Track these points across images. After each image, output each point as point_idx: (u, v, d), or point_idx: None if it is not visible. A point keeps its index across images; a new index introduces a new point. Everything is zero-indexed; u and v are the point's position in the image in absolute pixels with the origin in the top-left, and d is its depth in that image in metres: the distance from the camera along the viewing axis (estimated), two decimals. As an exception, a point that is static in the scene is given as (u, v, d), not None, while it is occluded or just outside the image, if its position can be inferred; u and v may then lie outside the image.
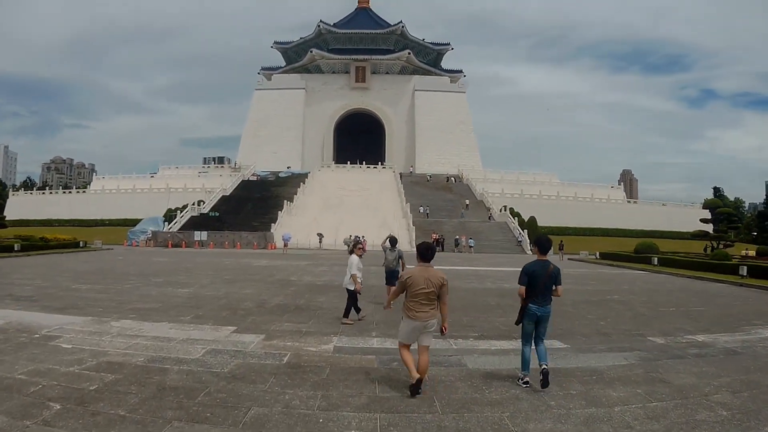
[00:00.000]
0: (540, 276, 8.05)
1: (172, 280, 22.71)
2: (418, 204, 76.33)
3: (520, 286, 8.13)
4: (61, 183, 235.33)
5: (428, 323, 7.43)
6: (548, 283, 8.12)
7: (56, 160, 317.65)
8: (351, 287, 13.01)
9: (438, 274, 7.55)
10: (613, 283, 27.43)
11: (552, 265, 8.22)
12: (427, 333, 7.52)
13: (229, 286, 20.40)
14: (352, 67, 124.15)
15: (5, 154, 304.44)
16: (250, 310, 14.63)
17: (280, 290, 19.48)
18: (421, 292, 7.40)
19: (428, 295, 7.42)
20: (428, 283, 7.42)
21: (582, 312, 16.04)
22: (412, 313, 7.43)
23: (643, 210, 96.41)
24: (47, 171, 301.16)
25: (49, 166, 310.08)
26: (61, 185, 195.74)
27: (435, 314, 7.51)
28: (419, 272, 7.53)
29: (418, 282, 7.42)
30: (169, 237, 64.98)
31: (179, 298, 16.92)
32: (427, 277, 7.47)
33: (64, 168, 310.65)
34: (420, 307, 7.41)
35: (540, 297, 8.07)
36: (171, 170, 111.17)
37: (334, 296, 17.71)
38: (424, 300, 7.42)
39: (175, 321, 12.78)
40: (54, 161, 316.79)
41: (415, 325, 7.43)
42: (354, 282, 12.93)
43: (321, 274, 27.63)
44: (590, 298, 19.74)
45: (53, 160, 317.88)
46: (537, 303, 8.05)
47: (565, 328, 12.96)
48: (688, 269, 36.48)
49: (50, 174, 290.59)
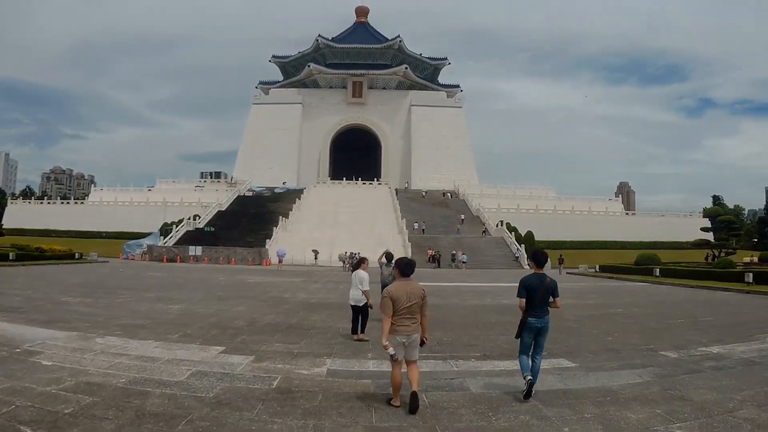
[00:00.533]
0: (537, 289, 8.19)
1: (163, 296, 22.11)
2: (414, 220, 75.68)
3: (520, 299, 8.29)
4: (60, 193, 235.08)
5: (412, 337, 7.50)
6: (545, 295, 8.24)
7: (56, 170, 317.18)
8: (360, 303, 12.78)
9: (418, 288, 7.67)
10: (615, 296, 26.92)
11: (549, 278, 8.35)
12: (413, 347, 7.54)
13: (220, 303, 19.78)
14: (349, 82, 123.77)
15: (6, 162, 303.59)
16: (240, 328, 14.00)
17: (272, 308, 18.85)
18: (404, 307, 7.46)
19: (410, 309, 7.49)
20: (410, 297, 7.51)
21: (586, 327, 15.52)
22: (394, 327, 7.46)
23: (642, 222, 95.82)
24: (47, 181, 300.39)
25: (48, 176, 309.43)
26: (60, 195, 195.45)
27: (417, 328, 7.60)
28: (401, 287, 7.61)
29: (401, 297, 7.48)
30: (164, 251, 64.45)
31: (169, 315, 16.33)
32: (409, 291, 7.56)
33: (64, 178, 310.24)
34: (402, 321, 7.47)
35: (538, 310, 8.18)
36: (168, 184, 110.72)
37: (328, 315, 17.18)
38: (407, 314, 7.48)
39: (162, 339, 12.20)
40: (54, 171, 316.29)
41: (398, 339, 7.44)
42: (366, 297, 12.66)
43: (315, 291, 26.99)
44: (593, 313, 19.24)
45: (53, 170, 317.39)
46: (535, 316, 8.15)
47: (571, 345, 12.45)
48: (691, 279, 36.20)
49: (50, 184, 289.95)
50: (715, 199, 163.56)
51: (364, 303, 12.75)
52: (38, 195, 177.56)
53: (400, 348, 7.46)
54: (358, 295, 12.76)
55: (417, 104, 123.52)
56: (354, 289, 12.93)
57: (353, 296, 12.91)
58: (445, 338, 13.06)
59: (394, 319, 7.46)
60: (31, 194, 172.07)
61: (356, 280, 12.88)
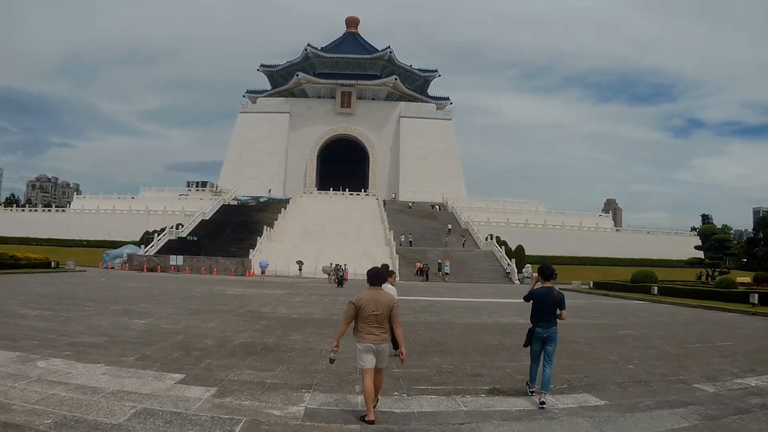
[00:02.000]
0: (545, 301, 8.58)
1: (131, 309, 20.28)
2: (401, 232, 73.95)
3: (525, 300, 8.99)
4: (45, 201, 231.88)
5: (380, 346, 7.48)
6: (552, 307, 8.60)
7: (41, 178, 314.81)
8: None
9: (387, 297, 7.68)
10: (618, 315, 25.36)
11: (556, 291, 8.72)
12: (382, 356, 7.55)
13: (191, 318, 17.98)
14: (337, 92, 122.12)
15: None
16: (208, 350, 12.21)
17: (248, 324, 17.05)
18: (371, 315, 7.44)
19: (378, 317, 7.46)
20: (377, 305, 7.48)
21: (601, 352, 13.93)
22: (362, 335, 7.50)
23: (632, 239, 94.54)
24: (32, 189, 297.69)
25: (34, 184, 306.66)
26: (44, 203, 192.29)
27: (386, 338, 7.58)
28: (369, 295, 7.61)
29: (368, 305, 7.48)
30: (144, 261, 62.43)
31: (131, 332, 14.53)
32: (377, 299, 7.55)
33: (49, 186, 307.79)
34: (370, 330, 7.45)
35: (545, 320, 8.60)
36: (152, 192, 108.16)
37: (311, 333, 15.44)
38: (375, 323, 7.46)
39: (114, 363, 10.43)
40: (39, 179, 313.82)
41: (366, 346, 7.45)
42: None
43: (297, 305, 25.09)
44: (602, 334, 17.70)
45: (38, 178, 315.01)
46: (543, 326, 8.58)
47: (592, 375, 10.79)
48: (692, 298, 34.92)
49: (35, 192, 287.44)
50: (704, 219, 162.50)
51: None
52: (23, 203, 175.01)
53: (369, 355, 7.45)
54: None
55: (406, 116, 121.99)
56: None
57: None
58: (445, 365, 11.34)
59: (360, 327, 7.50)
60: (15, 202, 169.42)
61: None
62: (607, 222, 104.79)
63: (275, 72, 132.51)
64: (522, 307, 26.26)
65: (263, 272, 51.64)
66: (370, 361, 7.45)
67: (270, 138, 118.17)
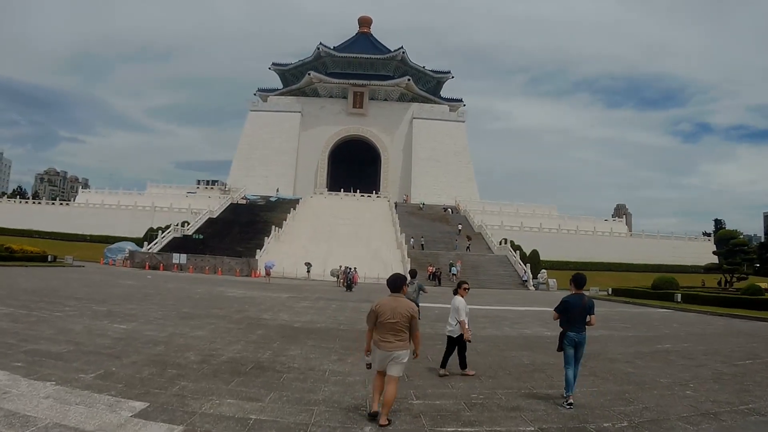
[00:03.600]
0: (576, 307, 9.03)
1: (116, 310, 18.35)
2: (412, 235, 71.88)
3: (555, 312, 9.33)
4: (53, 195, 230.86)
5: (394, 354, 7.38)
6: (583, 313, 9.05)
7: (50, 171, 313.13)
8: (455, 334, 10.98)
9: (406, 306, 7.56)
10: (647, 325, 23.27)
11: (586, 298, 9.17)
12: (395, 364, 7.40)
13: (180, 324, 16.01)
14: (350, 92, 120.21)
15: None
16: (186, 367, 10.19)
17: (242, 334, 15.01)
18: (387, 322, 7.42)
19: (394, 325, 7.42)
20: (394, 313, 7.43)
21: (649, 373, 11.91)
22: (377, 341, 7.47)
23: (647, 243, 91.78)
24: (40, 182, 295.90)
25: (42, 177, 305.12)
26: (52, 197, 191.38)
27: (402, 345, 7.45)
28: (387, 302, 7.57)
29: (385, 312, 7.46)
30: (146, 258, 60.70)
31: (104, 339, 12.59)
32: (395, 307, 7.49)
33: (58, 180, 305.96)
34: (385, 337, 7.42)
35: (577, 326, 9.05)
36: (159, 188, 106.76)
37: (313, 347, 13.42)
38: (390, 330, 7.42)
39: (69, 381, 8.50)
40: (48, 173, 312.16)
41: (381, 354, 7.43)
42: (462, 329, 10.82)
43: (301, 311, 22.92)
44: (640, 349, 15.65)
45: (47, 172, 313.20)
46: (574, 330, 9.05)
47: (651, 407, 8.85)
48: (717, 306, 33.12)
49: (43, 185, 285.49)
50: (717, 223, 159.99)
51: (459, 334, 10.89)
52: (30, 196, 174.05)
53: (383, 362, 7.43)
54: (453, 324, 11.00)
55: (419, 117, 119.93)
56: (450, 318, 11.17)
57: (449, 327, 11.18)
58: (474, 393, 9.28)
59: (377, 334, 7.50)
60: (22, 194, 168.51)
61: (452, 308, 11.08)
62: (621, 227, 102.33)
63: (287, 71, 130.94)
64: (545, 316, 24.39)
65: (269, 273, 49.77)
66: (381, 366, 7.48)
67: (280, 137, 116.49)
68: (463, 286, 11.51)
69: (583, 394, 9.51)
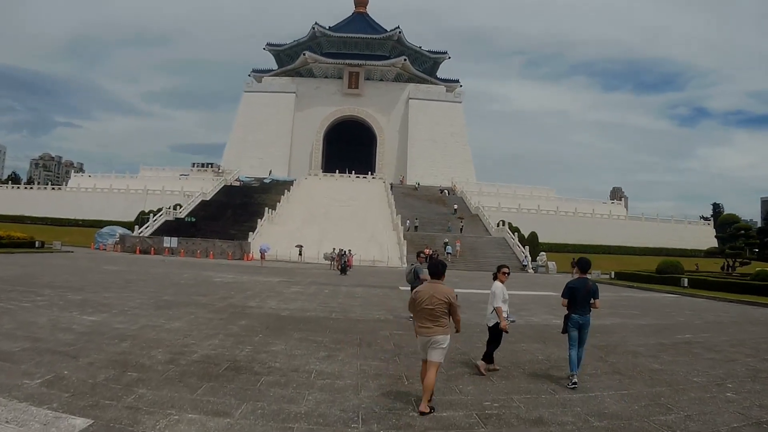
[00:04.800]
0: (580, 291, 9.32)
1: (90, 299, 17.02)
2: (408, 216, 70.45)
3: (563, 299, 9.54)
4: (48, 180, 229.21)
5: (432, 339, 7.37)
6: (587, 296, 9.33)
7: (45, 156, 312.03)
8: (490, 323, 10.20)
9: (444, 292, 7.48)
10: (659, 312, 22.02)
11: (590, 282, 9.48)
12: (435, 349, 7.37)
13: (156, 315, 14.65)
14: (345, 72, 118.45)
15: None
16: (149, 369, 8.81)
17: (222, 325, 13.60)
18: (425, 308, 7.42)
19: (432, 311, 7.39)
20: (432, 300, 7.39)
21: (679, 370, 10.67)
22: (417, 327, 7.59)
23: (646, 227, 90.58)
24: (35, 167, 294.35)
25: (37, 163, 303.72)
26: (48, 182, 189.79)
27: (441, 331, 7.39)
28: (426, 289, 7.59)
29: (422, 298, 7.45)
30: (137, 242, 59.40)
31: (67, 335, 11.26)
32: (432, 294, 7.44)
33: (53, 165, 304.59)
34: (424, 323, 7.45)
35: (580, 308, 9.34)
36: (152, 171, 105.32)
37: (299, 340, 12.06)
38: (428, 316, 7.41)
39: (7, 390, 7.21)
40: (42, 158, 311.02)
41: (421, 339, 7.51)
42: (499, 317, 9.91)
43: (291, 297, 21.49)
44: (661, 341, 14.43)
45: (42, 157, 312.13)
46: (578, 313, 9.35)
47: (693, 415, 7.60)
48: (726, 292, 31.91)
49: (38, 171, 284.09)
50: (716, 207, 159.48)
51: (495, 323, 10.02)
52: (25, 181, 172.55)
53: (425, 348, 7.48)
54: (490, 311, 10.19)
55: (415, 97, 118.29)
56: (489, 306, 10.26)
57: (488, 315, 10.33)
58: (487, 401, 7.91)
59: (417, 320, 7.61)
60: (16, 180, 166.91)
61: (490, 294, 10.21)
62: (620, 209, 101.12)
63: (282, 51, 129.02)
64: (551, 302, 22.96)
65: (263, 257, 48.46)
66: (424, 354, 7.53)
67: (275, 118, 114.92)
68: (503, 270, 10.50)
69: (614, 399, 8.23)
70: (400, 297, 23.35)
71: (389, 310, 18.60)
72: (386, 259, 55.86)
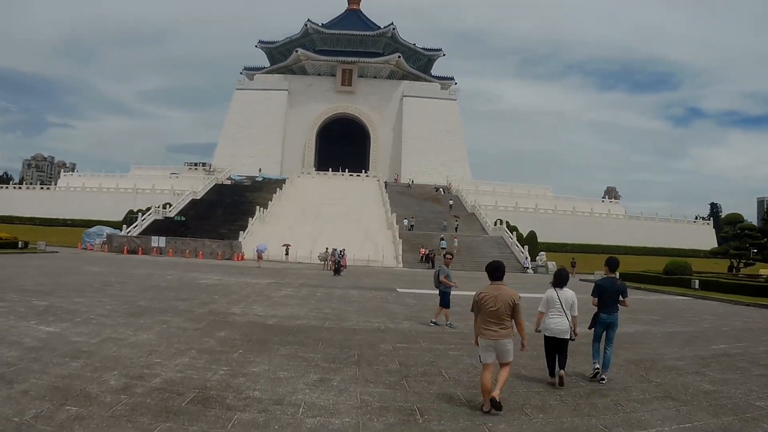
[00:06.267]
0: (608, 290, 9.60)
1: (57, 305, 15.25)
2: (403, 215, 68.78)
3: (593, 298, 9.76)
4: (41, 180, 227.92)
5: (499, 342, 7.29)
6: (615, 295, 9.60)
7: (37, 157, 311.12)
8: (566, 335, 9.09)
9: (508, 293, 7.42)
10: (679, 317, 20.35)
11: (618, 281, 9.83)
12: (503, 352, 7.34)
13: (123, 325, 12.81)
14: (338, 70, 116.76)
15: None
16: (95, 401, 7.00)
17: (197, 338, 11.77)
18: (489, 310, 7.31)
19: (496, 313, 7.28)
20: (496, 301, 7.31)
21: (734, 392, 8.96)
22: (481, 331, 7.43)
23: (645, 226, 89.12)
24: (27, 168, 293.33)
25: (29, 163, 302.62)
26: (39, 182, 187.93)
27: (506, 334, 7.34)
28: (489, 291, 7.49)
29: (487, 301, 7.36)
30: (125, 242, 57.56)
31: (13, 350, 9.51)
32: (497, 295, 7.37)
33: (45, 166, 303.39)
34: (488, 326, 7.34)
35: (608, 307, 9.57)
36: (142, 170, 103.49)
37: (286, 358, 10.14)
38: (493, 318, 7.31)
39: None
40: (35, 158, 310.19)
41: (485, 342, 7.37)
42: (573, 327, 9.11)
43: (280, 302, 19.55)
44: (698, 352, 12.82)
45: (34, 157, 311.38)
46: (606, 312, 9.56)
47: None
48: (739, 294, 30.21)
49: (30, 171, 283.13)
50: (713, 207, 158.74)
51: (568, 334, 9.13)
52: (17, 181, 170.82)
53: (490, 351, 7.35)
54: (566, 323, 9.04)
55: (409, 95, 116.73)
56: (557, 315, 9.09)
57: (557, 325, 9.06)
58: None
59: (480, 323, 7.46)
60: (6, 180, 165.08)
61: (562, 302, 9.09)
62: (618, 208, 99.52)
63: (274, 48, 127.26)
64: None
65: (260, 257, 46.69)
66: (489, 356, 7.39)
67: (267, 116, 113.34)
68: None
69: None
70: (399, 301, 21.63)
71: (389, 316, 16.76)
72: (381, 258, 54.32)
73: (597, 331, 9.66)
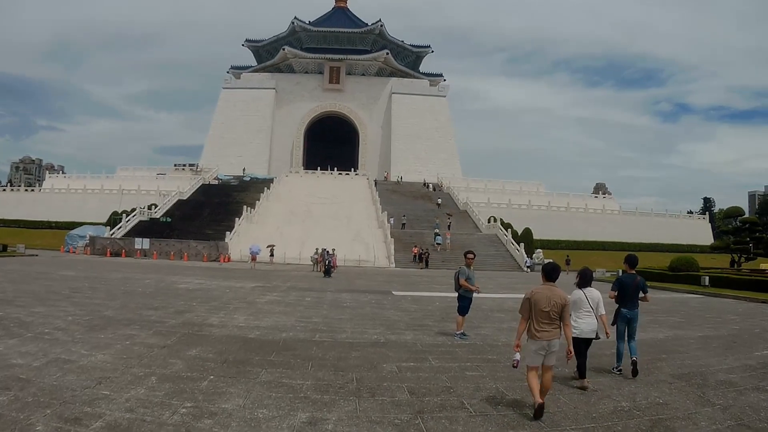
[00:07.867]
0: (629, 286, 10.00)
1: (10, 316, 13.42)
2: (394, 214, 66.86)
3: (611, 291, 10.21)
4: (28, 182, 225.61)
5: (551, 342, 7.23)
6: (636, 291, 9.99)
7: (25, 159, 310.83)
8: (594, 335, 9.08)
9: (560, 294, 7.40)
10: (701, 318, 18.86)
11: (638, 278, 10.16)
12: (551, 353, 7.27)
13: (78, 341, 10.95)
14: (326, 68, 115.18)
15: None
16: None
17: (162, 359, 9.74)
18: (542, 310, 7.23)
19: (548, 314, 7.24)
20: (549, 302, 7.25)
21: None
22: (533, 332, 7.26)
23: (641, 221, 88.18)
24: (15, 170, 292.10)
25: (17, 166, 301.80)
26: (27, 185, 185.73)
27: (557, 334, 7.30)
28: (543, 291, 7.40)
29: (541, 300, 7.27)
30: (108, 244, 55.56)
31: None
32: (549, 296, 7.31)
33: (33, 168, 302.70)
34: (542, 326, 7.22)
35: (629, 303, 9.96)
36: (128, 171, 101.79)
37: (266, 386, 8.18)
38: (546, 319, 7.22)
39: None
40: (23, 161, 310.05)
41: (539, 344, 7.22)
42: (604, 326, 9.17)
43: (265, 310, 17.50)
44: (745, 362, 11.26)
45: (22, 160, 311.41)
46: (627, 307, 9.93)
47: None
48: (751, 291, 28.85)
49: (18, 174, 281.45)
50: (706, 202, 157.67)
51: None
52: (4, 184, 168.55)
53: (540, 354, 7.22)
54: (596, 323, 9.05)
55: (398, 92, 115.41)
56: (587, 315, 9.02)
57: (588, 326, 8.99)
58: None
59: (533, 324, 7.28)
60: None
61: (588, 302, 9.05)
62: (612, 204, 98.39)
63: (261, 47, 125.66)
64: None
65: (254, 258, 44.85)
66: (538, 359, 7.24)
67: (254, 115, 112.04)
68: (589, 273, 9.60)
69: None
70: (396, 306, 19.74)
71: (388, 326, 14.79)
72: (373, 258, 52.67)
73: (620, 328, 9.95)
